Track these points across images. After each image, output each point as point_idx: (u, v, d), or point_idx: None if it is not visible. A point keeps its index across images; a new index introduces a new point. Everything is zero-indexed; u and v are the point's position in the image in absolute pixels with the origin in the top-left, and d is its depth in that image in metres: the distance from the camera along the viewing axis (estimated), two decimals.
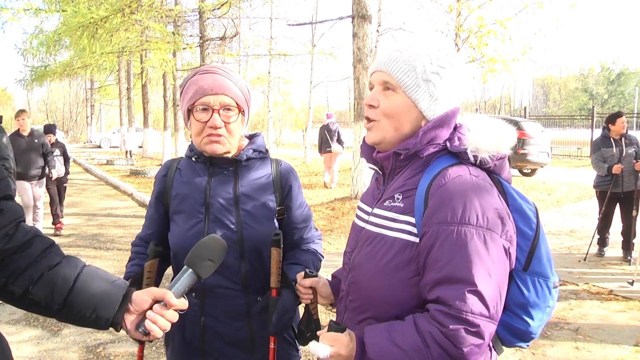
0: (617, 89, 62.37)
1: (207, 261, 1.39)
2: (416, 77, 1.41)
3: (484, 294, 1.23)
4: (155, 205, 1.97)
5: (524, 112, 25.92)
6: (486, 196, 1.31)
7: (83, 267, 1.33)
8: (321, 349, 1.31)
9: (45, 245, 1.32)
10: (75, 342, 4.49)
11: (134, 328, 1.31)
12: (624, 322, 4.77)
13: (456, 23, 13.22)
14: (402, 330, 1.29)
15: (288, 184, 1.96)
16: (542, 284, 1.36)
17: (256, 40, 23.38)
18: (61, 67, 23.43)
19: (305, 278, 1.74)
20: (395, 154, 1.44)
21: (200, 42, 13.52)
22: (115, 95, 33.35)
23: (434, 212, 1.31)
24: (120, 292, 1.31)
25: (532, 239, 1.36)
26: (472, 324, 1.21)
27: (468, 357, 1.23)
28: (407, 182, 1.43)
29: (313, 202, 11.13)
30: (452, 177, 1.34)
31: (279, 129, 37.62)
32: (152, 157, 24.39)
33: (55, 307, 1.27)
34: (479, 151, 1.39)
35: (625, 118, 6.87)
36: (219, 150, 1.78)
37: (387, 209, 1.44)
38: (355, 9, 9.84)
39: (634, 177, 6.70)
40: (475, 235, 1.26)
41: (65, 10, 13.18)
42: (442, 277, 1.26)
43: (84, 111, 48.87)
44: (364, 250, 1.47)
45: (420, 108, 1.42)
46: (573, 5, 12.64)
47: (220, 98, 1.74)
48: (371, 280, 1.42)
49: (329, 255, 6.98)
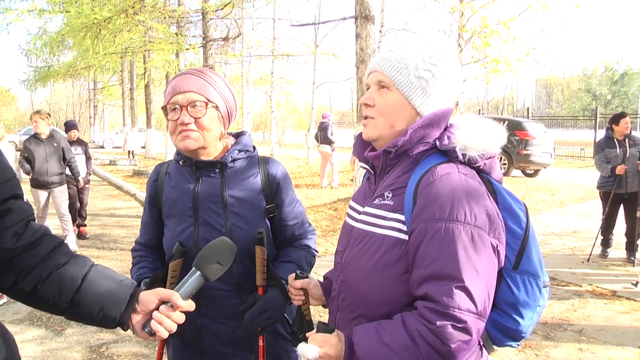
0: (620, 89, 62.16)
1: (215, 264, 1.40)
2: (408, 75, 1.43)
3: (471, 291, 1.23)
4: (149, 210, 2.00)
5: (526, 113, 25.91)
6: (474, 194, 1.32)
7: (91, 267, 1.35)
8: (310, 350, 1.31)
9: (54, 244, 1.33)
10: (78, 342, 4.50)
11: (140, 328, 1.32)
12: (628, 323, 4.76)
13: (459, 24, 13.20)
14: (390, 329, 1.30)
15: (276, 181, 1.96)
16: (532, 283, 1.37)
17: (259, 40, 23.37)
18: (64, 67, 23.45)
19: (297, 279, 1.74)
20: (385, 152, 1.46)
21: (203, 43, 13.53)
22: (118, 95, 33.39)
23: (422, 209, 1.32)
24: (127, 291, 1.33)
25: (522, 237, 1.37)
26: (459, 320, 1.22)
27: (456, 353, 1.23)
28: (397, 180, 1.44)
29: (316, 202, 11.13)
30: (440, 174, 1.35)
31: (282, 129, 37.62)
32: (155, 157, 24.40)
33: (64, 306, 1.28)
34: (467, 149, 1.41)
35: (629, 118, 6.85)
36: (191, 146, 1.78)
37: (377, 207, 1.45)
38: (358, 9, 9.83)
39: (637, 177, 6.68)
40: (463, 232, 1.26)
41: (68, 11, 13.20)
42: (430, 273, 1.26)
43: (87, 111, 48.97)
44: (354, 249, 1.48)
45: (414, 104, 1.45)
46: (577, 6, 12.61)
47: (188, 95, 1.76)
48: (361, 278, 1.43)
49: (331, 255, 6.97)
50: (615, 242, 7.16)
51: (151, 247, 2.01)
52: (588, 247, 7.21)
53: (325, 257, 6.83)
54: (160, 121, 35.40)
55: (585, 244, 7.42)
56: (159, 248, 1.98)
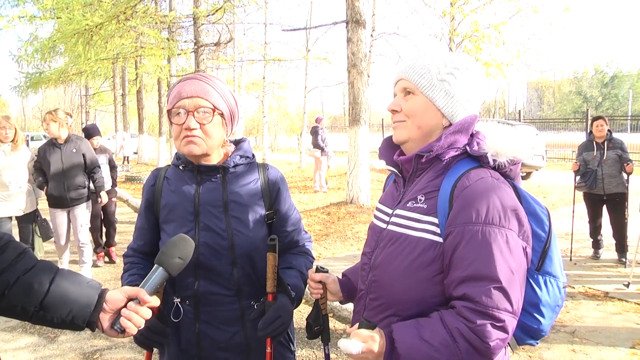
0: (611, 91, 62.65)
1: (176, 259, 1.45)
2: (431, 78, 1.51)
3: (508, 291, 1.30)
4: (145, 215, 1.98)
5: (518, 116, 26.00)
6: (507, 198, 1.39)
7: (57, 270, 1.36)
8: (353, 346, 1.33)
9: (20, 250, 1.34)
10: (71, 349, 4.48)
11: (109, 326, 1.35)
12: (620, 324, 4.79)
13: (450, 27, 13.28)
14: (430, 327, 1.35)
15: (276, 187, 1.98)
16: (553, 283, 1.43)
17: (251, 45, 23.36)
18: (56, 73, 23.37)
19: (316, 273, 1.82)
20: (417, 156, 1.52)
21: (194, 48, 13.51)
22: (110, 101, 33.22)
23: (459, 212, 1.38)
24: (95, 292, 1.35)
25: (545, 240, 1.44)
26: (498, 319, 1.29)
27: (493, 351, 1.30)
28: (430, 184, 1.50)
29: (308, 206, 11.12)
30: (475, 179, 1.41)
31: (274, 134, 37.56)
32: (148, 162, 24.33)
33: (32, 310, 1.29)
34: (498, 155, 1.48)
35: (602, 122, 6.92)
36: (195, 151, 1.78)
37: (411, 209, 1.50)
38: (350, 14, 9.87)
39: (615, 180, 6.77)
40: (499, 234, 1.33)
41: (60, 17, 13.15)
42: (468, 274, 1.32)
43: (79, 117, 48.64)
44: (386, 250, 1.53)
45: (438, 106, 1.52)
46: (567, 9, 12.72)
47: (195, 101, 1.76)
48: (394, 279, 1.48)
49: (325, 260, 6.98)
50: (606, 244, 7.20)
51: (144, 253, 2.00)
52: (580, 248, 7.25)
53: (318, 262, 6.83)
54: (153, 127, 35.28)
55: (577, 246, 7.46)
56: (152, 254, 1.96)
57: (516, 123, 16.40)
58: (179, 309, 1.88)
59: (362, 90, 9.95)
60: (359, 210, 9.77)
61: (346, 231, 8.58)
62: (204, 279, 1.84)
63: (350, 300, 1.87)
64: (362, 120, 9.97)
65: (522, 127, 1.59)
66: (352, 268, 1.94)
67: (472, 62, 1.58)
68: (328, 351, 1.96)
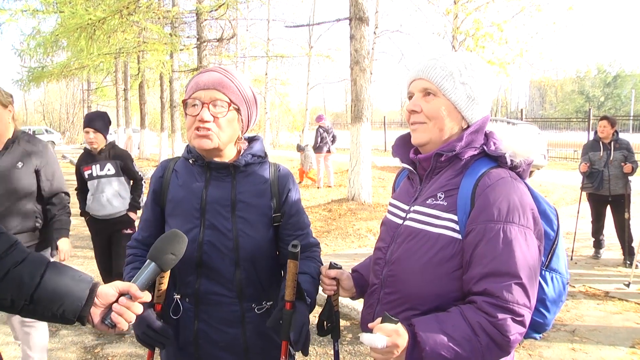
0: (613, 91, 62.50)
1: (169, 254, 1.44)
2: (454, 81, 1.52)
3: (527, 286, 1.35)
4: (151, 206, 1.94)
5: (520, 115, 26.01)
6: (525, 197, 1.43)
7: (48, 263, 1.35)
8: (378, 340, 1.34)
9: (10, 243, 1.33)
10: (73, 343, 4.49)
11: (99, 321, 1.34)
12: (620, 323, 4.79)
13: (453, 25, 13.27)
14: (451, 321, 1.37)
15: (287, 189, 1.93)
16: (558, 280, 1.49)
17: (253, 42, 23.41)
18: (58, 68, 23.35)
19: (330, 269, 1.83)
20: (437, 155, 1.54)
21: (197, 44, 13.54)
22: (112, 96, 33.26)
23: (480, 211, 1.41)
24: (86, 286, 1.34)
25: (554, 239, 1.50)
26: (518, 314, 1.33)
27: (512, 344, 1.35)
28: (450, 182, 1.53)
29: (310, 203, 11.14)
30: (496, 179, 1.45)
31: (276, 130, 37.58)
32: (149, 158, 24.33)
33: (22, 303, 1.28)
34: (515, 156, 1.52)
35: (606, 122, 6.77)
36: (206, 145, 1.73)
37: (430, 206, 1.53)
38: (353, 11, 9.86)
39: (621, 180, 6.70)
40: (519, 232, 1.37)
41: (62, 12, 13.17)
42: (489, 270, 1.36)
43: (81, 112, 48.76)
44: (404, 246, 1.55)
45: (460, 109, 1.54)
46: (570, 8, 12.70)
47: (211, 93, 1.72)
48: (413, 274, 1.51)
49: (326, 257, 6.98)
50: (607, 244, 7.19)
51: (148, 244, 1.97)
52: (581, 248, 7.25)
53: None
54: (154, 122, 35.28)
55: (578, 245, 7.45)
56: None
57: (518, 122, 16.39)
58: (178, 306, 1.86)
59: (365, 87, 9.93)
60: (360, 207, 9.76)
61: (347, 228, 8.58)
62: (206, 278, 1.81)
63: (361, 296, 1.87)
64: (365, 118, 9.96)
65: (524, 126, 1.61)
66: (362, 264, 1.95)
67: (484, 64, 1.59)
68: (337, 348, 1.95)
